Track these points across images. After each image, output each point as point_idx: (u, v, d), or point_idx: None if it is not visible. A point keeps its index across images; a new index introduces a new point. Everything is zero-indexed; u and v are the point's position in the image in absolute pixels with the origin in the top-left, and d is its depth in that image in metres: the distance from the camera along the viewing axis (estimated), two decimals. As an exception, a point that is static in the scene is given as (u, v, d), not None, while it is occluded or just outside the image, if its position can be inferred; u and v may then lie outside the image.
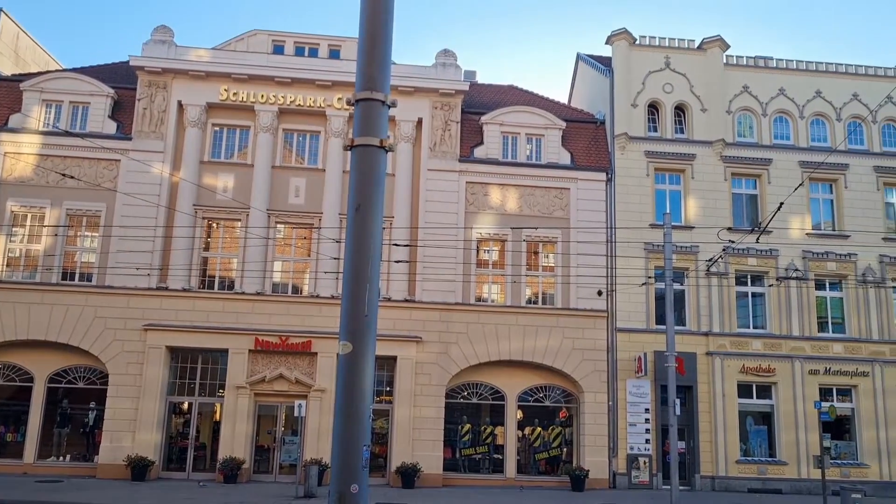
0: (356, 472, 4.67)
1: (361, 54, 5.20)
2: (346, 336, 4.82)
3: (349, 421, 4.71)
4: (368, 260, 4.90)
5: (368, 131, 5.04)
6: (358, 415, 4.71)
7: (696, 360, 25.04)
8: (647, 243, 25.52)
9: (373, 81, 5.09)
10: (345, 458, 4.68)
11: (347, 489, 4.64)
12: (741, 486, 24.35)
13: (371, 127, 5.04)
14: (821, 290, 26.56)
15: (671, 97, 27.07)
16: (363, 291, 4.84)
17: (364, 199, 4.99)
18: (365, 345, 4.81)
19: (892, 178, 27.38)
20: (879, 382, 25.72)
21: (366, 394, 4.75)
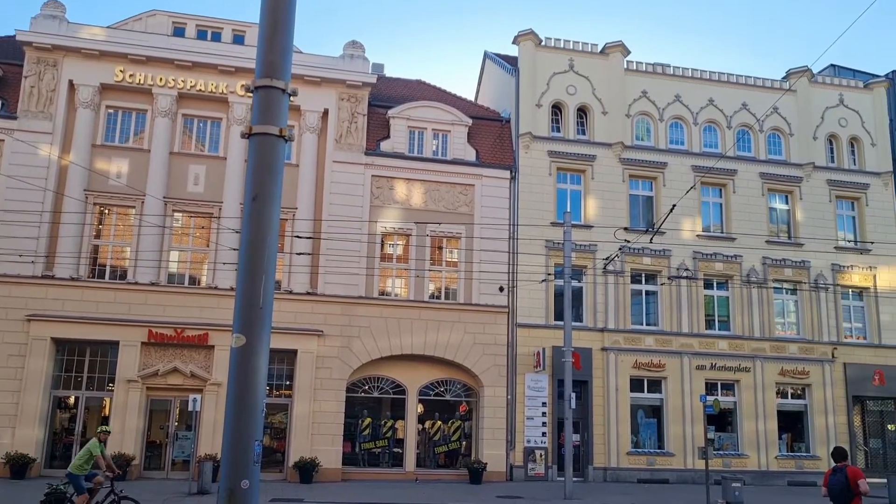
0: (247, 468, 4.57)
1: (262, 41, 5.08)
2: (239, 328, 4.71)
3: (241, 415, 4.61)
4: (264, 251, 4.80)
5: (267, 119, 4.93)
6: (250, 409, 4.61)
7: (591, 356, 25.82)
8: (548, 241, 26.09)
9: (273, 69, 4.98)
10: (235, 453, 4.57)
11: (238, 485, 4.53)
12: (631, 477, 25.28)
13: (270, 115, 4.94)
14: (709, 289, 27.85)
15: (574, 99, 27.75)
16: (258, 283, 4.74)
17: (261, 188, 4.89)
18: (259, 338, 4.71)
19: (775, 185, 28.99)
20: (760, 377, 27.22)
21: (259, 388, 4.66)
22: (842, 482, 10.18)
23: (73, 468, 13.36)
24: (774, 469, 26.63)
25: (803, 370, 27.67)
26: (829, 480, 10.29)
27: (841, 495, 10.17)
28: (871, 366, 28.34)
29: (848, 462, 10.75)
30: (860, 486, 10.15)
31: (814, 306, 28.32)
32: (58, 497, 13.30)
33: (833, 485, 10.19)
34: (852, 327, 29.13)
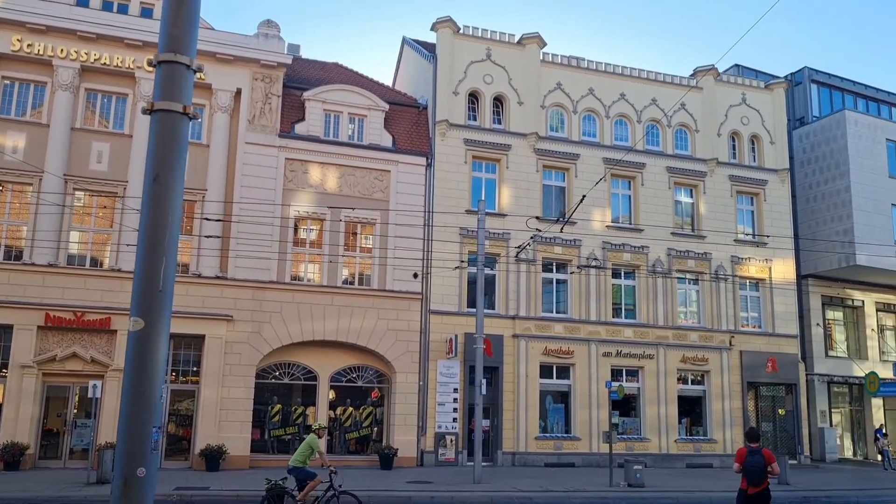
0: (144, 455, 4.43)
1: (166, 13, 4.89)
2: (137, 312, 4.55)
3: (137, 401, 4.46)
4: (166, 233, 4.64)
5: (171, 96, 4.76)
6: (147, 395, 4.46)
7: (503, 343, 26.21)
8: (463, 229, 26.27)
9: (178, 43, 4.81)
10: (131, 440, 4.42)
11: (134, 473, 4.39)
12: (539, 461, 25.85)
13: (174, 91, 4.77)
14: (617, 278, 28.68)
15: (491, 88, 27.96)
16: (158, 265, 4.58)
17: (163, 168, 4.72)
18: (158, 322, 4.56)
19: (681, 179, 30.04)
20: (662, 364, 28.26)
21: (157, 373, 4.51)
22: (761, 463, 10.73)
23: (295, 462, 13.86)
24: (674, 452, 27.73)
25: (703, 357, 28.89)
26: (746, 460, 10.74)
27: (761, 475, 10.70)
28: (765, 353, 29.85)
29: (761, 443, 11.30)
30: (774, 468, 10.76)
31: (714, 296, 29.58)
32: (278, 492, 13.69)
33: (753, 465, 10.68)
34: (749, 316, 30.58)
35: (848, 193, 31.90)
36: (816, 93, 37.10)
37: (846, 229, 31.62)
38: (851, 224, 31.48)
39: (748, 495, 10.76)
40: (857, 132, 32.61)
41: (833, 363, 33.29)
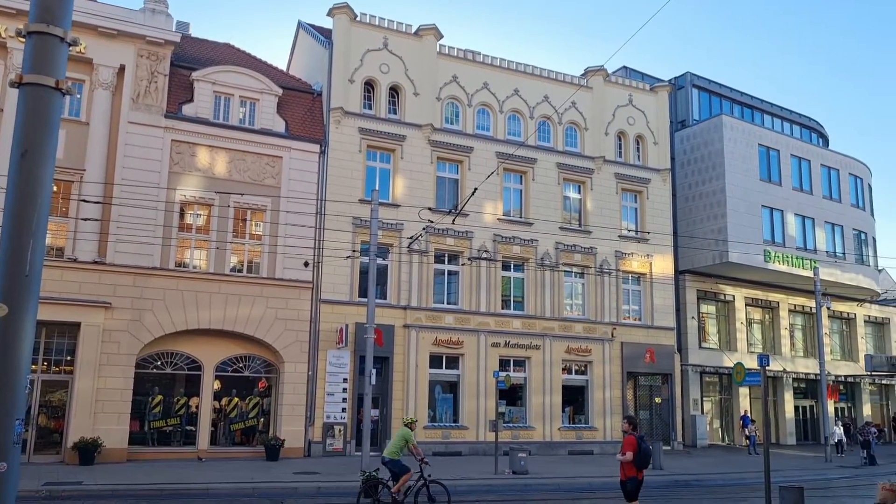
0: (6, 449, 4.19)
1: (39, -19, 4.61)
2: (1, 297, 4.28)
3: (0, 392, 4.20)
4: (33, 213, 4.38)
5: (42, 69, 4.49)
6: (10, 386, 4.21)
7: (394, 333, 26.26)
8: (356, 218, 26.10)
9: (50, 13, 4.54)
10: (-8, 433, 4.16)
11: (-7, 468, 4.14)
12: (427, 450, 25.86)
13: (45, 65, 4.50)
14: (506, 270, 29.26)
15: (387, 77, 27.85)
16: (25, 248, 4.32)
17: (32, 144, 4.45)
18: (24, 308, 4.31)
19: (570, 175, 30.92)
20: (548, 355, 29.08)
21: (22, 363, 4.26)
22: (649, 450, 11.38)
23: (390, 454, 14.50)
24: (558, 440, 28.62)
25: (587, 348, 29.92)
26: (642, 447, 11.23)
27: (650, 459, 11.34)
28: (644, 345, 31.25)
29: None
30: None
31: (598, 289, 30.67)
32: (373, 482, 14.38)
33: (647, 451, 11.22)
34: (630, 309, 31.91)
35: (723, 194, 33.75)
36: (697, 97, 39.04)
37: (720, 228, 33.45)
38: (725, 223, 33.34)
39: (640, 480, 11.25)
40: (733, 137, 34.53)
41: (705, 354, 35.23)
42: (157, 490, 16.65)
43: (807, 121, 44.15)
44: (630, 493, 11.41)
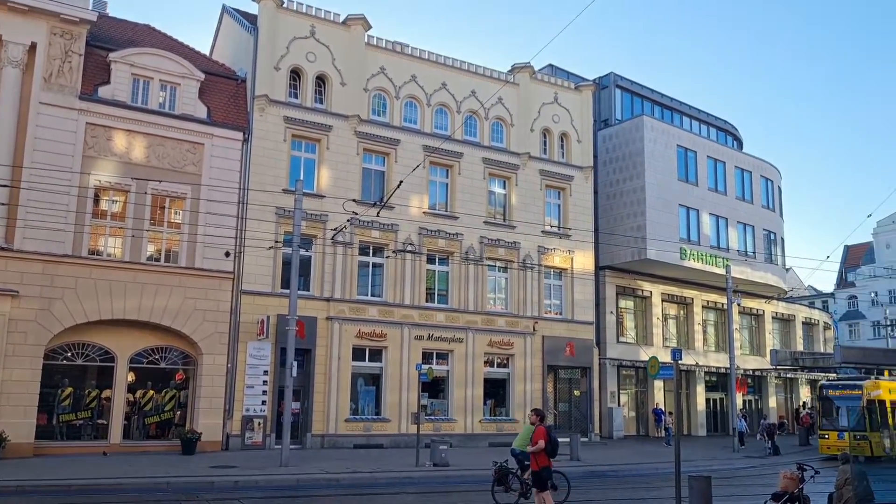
0: None
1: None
2: None
3: None
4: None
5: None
6: None
7: (316, 325, 26.01)
8: (279, 208, 25.70)
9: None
10: None
11: None
12: (349, 443, 25.99)
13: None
14: (431, 264, 29.36)
15: (314, 66, 27.48)
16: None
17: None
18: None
19: (495, 170, 31.22)
20: (471, 348, 29.35)
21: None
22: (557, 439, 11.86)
23: (519, 446, 15.26)
24: (479, 432, 28.94)
25: (509, 342, 30.33)
26: (551, 437, 11.58)
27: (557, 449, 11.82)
28: (565, 338, 31.88)
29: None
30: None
31: (521, 284, 31.11)
32: (504, 472, 15.52)
33: (556, 441, 11.59)
34: (551, 304, 32.49)
35: (643, 193, 34.69)
36: (620, 97, 39.98)
37: (639, 225, 34.39)
38: (644, 221, 34.29)
39: (550, 469, 11.59)
40: (653, 137, 35.51)
41: (623, 348, 36.21)
42: (65, 486, 16.04)
43: (723, 123, 45.79)
44: (545, 480, 11.70)
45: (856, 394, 27.47)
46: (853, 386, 28.17)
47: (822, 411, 29.53)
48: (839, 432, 27.37)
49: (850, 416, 27.41)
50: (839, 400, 28.22)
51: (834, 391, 28.83)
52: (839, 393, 28.44)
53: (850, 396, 27.68)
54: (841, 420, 27.90)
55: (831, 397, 28.77)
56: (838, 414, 28.18)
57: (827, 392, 29.25)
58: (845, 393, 28.09)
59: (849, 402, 27.65)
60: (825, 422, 28.95)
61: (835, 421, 28.22)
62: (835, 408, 28.46)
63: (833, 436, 27.77)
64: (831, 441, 27.71)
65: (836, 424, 28.00)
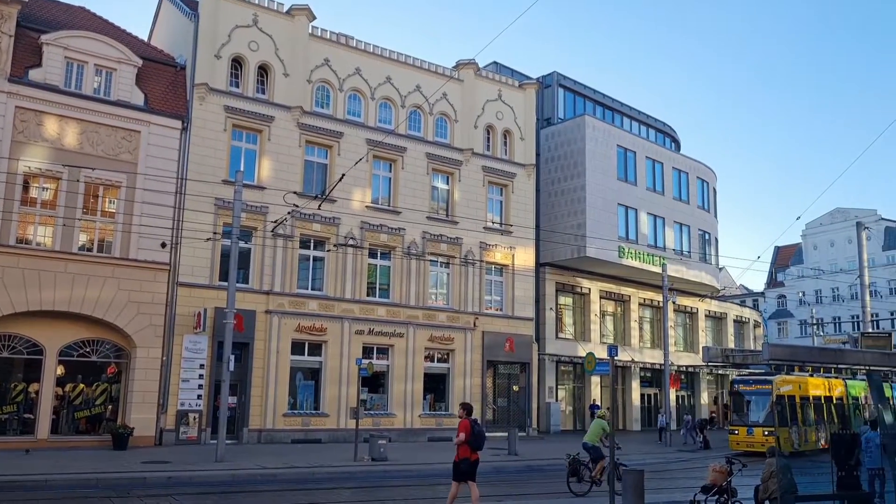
0: None
1: None
2: None
3: None
4: None
5: None
6: None
7: (255, 318, 25.65)
8: (219, 199, 25.23)
9: None
10: None
11: None
12: (286, 438, 25.71)
13: None
14: (373, 258, 29.24)
15: (256, 56, 27.03)
16: None
17: None
18: None
19: (439, 165, 31.26)
20: (412, 342, 29.36)
21: None
22: (483, 431, 11.90)
23: (591, 440, 17.08)
24: (418, 426, 28.98)
25: (449, 337, 30.45)
26: (475, 430, 11.69)
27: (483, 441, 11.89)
28: (504, 334, 32.17)
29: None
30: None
31: (462, 279, 31.25)
32: (576, 465, 16.75)
33: (480, 433, 11.67)
34: (492, 300, 32.74)
35: (583, 191, 35.20)
36: (563, 97, 40.46)
37: (580, 224, 34.89)
38: (584, 219, 34.80)
39: (472, 462, 11.79)
40: (595, 136, 36.06)
41: (561, 344, 36.72)
42: (-12, 482, 15.45)
43: (661, 125, 46.79)
44: (463, 472, 11.94)
45: (765, 389, 27.31)
46: (763, 381, 27.81)
47: (733, 406, 29.33)
48: (748, 428, 27.39)
49: (759, 411, 27.41)
50: (749, 395, 28.11)
51: (744, 386, 28.61)
52: (749, 388, 28.26)
53: (760, 392, 27.58)
54: (751, 416, 27.79)
55: (742, 392, 28.58)
56: (748, 409, 28.05)
57: (738, 387, 29.04)
58: (755, 388, 27.91)
59: (759, 398, 27.61)
60: (735, 417, 28.80)
61: (745, 416, 28.08)
62: (745, 403, 28.30)
63: (742, 431, 27.71)
64: (741, 437, 27.68)
65: (745, 420, 27.91)
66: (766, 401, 27.20)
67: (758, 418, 27.43)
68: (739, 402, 28.75)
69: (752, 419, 27.68)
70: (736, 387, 29.21)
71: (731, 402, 29.66)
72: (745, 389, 28.46)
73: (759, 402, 27.66)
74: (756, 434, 26.90)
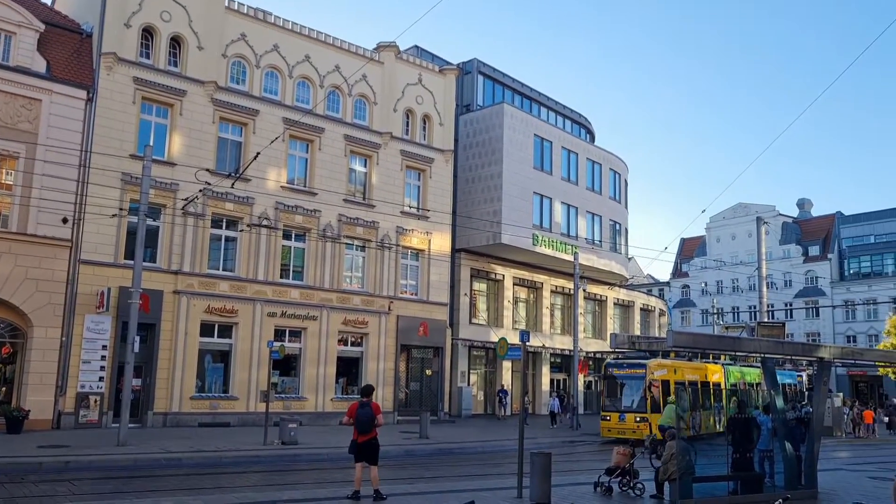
0: None
1: None
2: None
3: None
4: None
5: None
6: None
7: (162, 298, 24.88)
8: (126, 174, 24.27)
9: None
10: None
11: None
12: (193, 421, 25.10)
13: None
14: (287, 239, 28.76)
15: (169, 26, 26.05)
16: None
17: None
18: None
19: (357, 148, 30.96)
20: (325, 326, 29.09)
21: None
22: (369, 414, 12.09)
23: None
24: (330, 410, 28.78)
25: (363, 320, 30.32)
26: (357, 413, 11.87)
27: (368, 424, 12.06)
28: (419, 318, 32.27)
29: (373, 398, 12.55)
30: (379, 419, 12.15)
31: (378, 263, 31.13)
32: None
33: (361, 416, 11.98)
34: (407, 284, 32.76)
35: (500, 179, 35.54)
36: (482, 84, 40.68)
37: (495, 210, 35.25)
38: (500, 206, 35.17)
39: (358, 444, 12.02)
40: (512, 124, 36.43)
41: (474, 329, 37.12)
42: None
43: (577, 116, 47.69)
44: (354, 455, 12.10)
45: (639, 373, 25.92)
46: (637, 365, 26.32)
47: (607, 391, 27.49)
48: (621, 414, 25.89)
49: (633, 396, 26.00)
50: (623, 379, 26.63)
51: (618, 370, 26.98)
52: (623, 372, 26.72)
53: (634, 376, 26.13)
54: (624, 401, 26.26)
55: (615, 376, 26.96)
56: (622, 394, 26.51)
57: (611, 371, 27.30)
58: (629, 372, 26.42)
59: (632, 382, 26.18)
60: (608, 402, 26.96)
61: (618, 402, 26.47)
62: (619, 387, 26.74)
63: (615, 417, 26.09)
64: (612, 423, 26.15)
65: (618, 406, 26.34)
66: (640, 385, 25.88)
67: (631, 404, 26.06)
68: (613, 386, 27.10)
69: (624, 405, 26.23)
70: (609, 370, 27.48)
71: (604, 387, 27.96)
72: (619, 373, 26.93)
73: (633, 386, 26.25)
74: (628, 420, 25.59)
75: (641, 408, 25.62)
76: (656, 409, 24.60)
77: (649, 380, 25.54)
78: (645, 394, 25.53)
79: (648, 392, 25.37)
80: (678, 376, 26.31)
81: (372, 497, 12.01)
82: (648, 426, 24.53)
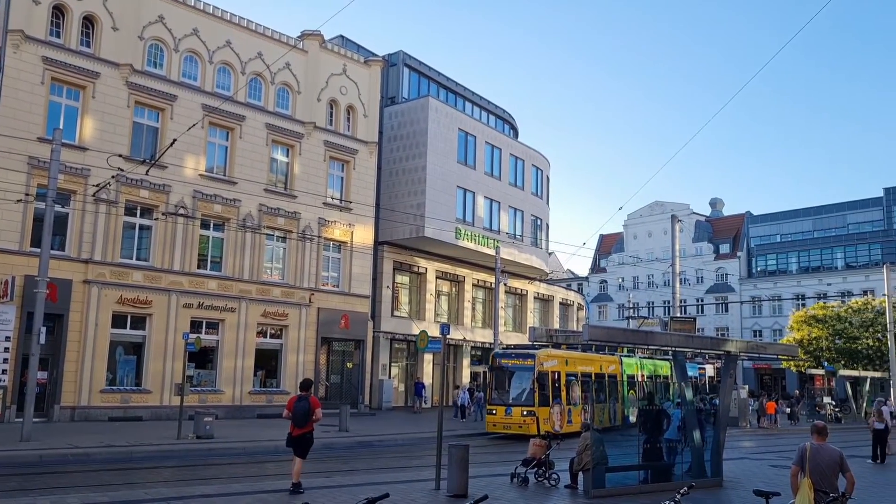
0: None
1: None
2: None
3: None
4: None
5: None
6: None
7: (71, 288, 23.95)
8: (33, 158, 23.21)
9: None
10: None
11: None
12: (103, 416, 24.27)
13: None
14: (205, 229, 28.09)
15: (81, 5, 25.01)
16: None
17: None
18: None
19: (279, 137, 30.46)
20: (244, 318, 28.56)
21: None
22: (305, 408, 12.02)
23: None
24: (247, 403, 28.32)
25: (283, 312, 29.91)
26: (294, 406, 11.86)
27: (303, 418, 11.98)
28: (340, 311, 32.05)
29: (311, 392, 12.51)
30: (317, 413, 12.04)
31: (299, 255, 30.75)
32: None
33: (298, 410, 11.99)
34: (329, 276, 32.49)
35: (424, 172, 35.60)
36: (408, 76, 40.59)
37: (419, 204, 35.29)
38: (424, 200, 35.23)
39: (293, 437, 12.03)
40: (437, 118, 36.50)
41: (396, 322, 37.12)
42: None
43: (501, 112, 48.15)
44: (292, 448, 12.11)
45: (528, 364, 24.52)
46: (525, 356, 25.01)
47: (494, 383, 25.61)
48: (507, 407, 24.38)
49: (520, 388, 24.62)
50: (511, 370, 25.16)
51: (506, 360, 25.54)
52: (511, 362, 25.31)
53: (522, 367, 24.70)
54: (512, 393, 24.79)
55: (504, 366, 25.38)
56: (509, 386, 25.01)
57: (499, 361, 25.68)
58: (517, 363, 25.04)
59: (520, 373, 24.76)
60: (495, 395, 25.23)
61: (505, 394, 24.95)
62: (507, 379, 25.18)
63: (501, 411, 24.51)
64: (498, 417, 24.63)
65: (505, 398, 24.79)
66: (528, 377, 24.41)
67: (518, 396, 24.57)
68: (501, 377, 25.45)
69: (512, 397, 24.68)
70: (497, 360, 25.84)
71: (491, 378, 26.15)
72: (506, 364, 25.43)
73: (521, 377, 24.75)
74: (514, 414, 24.13)
75: (529, 401, 24.14)
76: (545, 402, 24.03)
77: (538, 371, 24.36)
78: (533, 386, 24.16)
79: (537, 384, 24.11)
80: (570, 367, 25.71)
81: (288, 490, 11.92)
82: (536, 421, 23.44)
